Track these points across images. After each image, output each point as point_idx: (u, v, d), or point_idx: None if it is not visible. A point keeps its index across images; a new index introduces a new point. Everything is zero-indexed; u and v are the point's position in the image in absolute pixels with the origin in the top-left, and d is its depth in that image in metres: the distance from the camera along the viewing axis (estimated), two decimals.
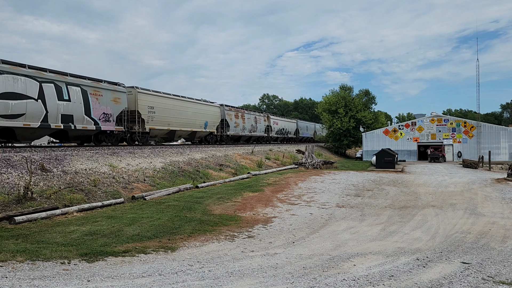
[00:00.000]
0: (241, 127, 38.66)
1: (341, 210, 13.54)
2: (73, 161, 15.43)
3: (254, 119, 42.21)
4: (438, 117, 47.87)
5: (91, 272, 6.49)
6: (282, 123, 53.01)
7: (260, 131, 43.86)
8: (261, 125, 44.49)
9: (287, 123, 55.91)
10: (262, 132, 44.80)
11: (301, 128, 61.67)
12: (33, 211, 10.53)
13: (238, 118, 38.11)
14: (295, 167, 29.98)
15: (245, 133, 39.70)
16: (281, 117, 56.87)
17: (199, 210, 12.47)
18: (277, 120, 50.75)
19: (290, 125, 56.78)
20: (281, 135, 51.98)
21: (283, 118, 57.20)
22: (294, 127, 58.13)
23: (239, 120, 38.24)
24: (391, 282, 6.18)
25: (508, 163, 35.26)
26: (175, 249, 8.29)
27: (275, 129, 49.03)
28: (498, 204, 14.79)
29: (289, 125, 56.37)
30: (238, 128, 37.88)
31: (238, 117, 38.26)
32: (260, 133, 44.15)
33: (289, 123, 56.47)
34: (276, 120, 50.85)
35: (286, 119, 57.64)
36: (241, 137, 39.70)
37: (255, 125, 42.50)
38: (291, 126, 56.73)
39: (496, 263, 7.39)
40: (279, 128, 50.72)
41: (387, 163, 31.52)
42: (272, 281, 6.16)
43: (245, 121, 39.55)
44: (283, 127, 52.68)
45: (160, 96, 26.65)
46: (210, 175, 21.00)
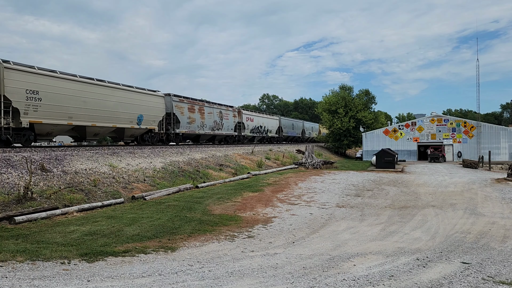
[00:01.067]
0: (198, 124, 30.94)
1: (341, 210, 13.54)
2: (73, 161, 15.43)
3: (218, 114, 34.53)
4: (438, 117, 47.86)
5: (91, 272, 6.49)
6: (259, 120, 45.08)
7: (227, 128, 36.23)
8: (229, 121, 36.70)
9: (267, 120, 47.93)
10: (231, 130, 37.05)
11: (285, 126, 53.95)
12: (33, 211, 10.53)
13: (193, 112, 30.34)
14: (295, 167, 29.97)
15: (205, 131, 32.08)
16: (259, 113, 48.38)
17: (199, 210, 12.47)
18: (252, 116, 42.96)
19: (270, 122, 48.97)
20: (258, 134, 44.25)
21: (261, 114, 48.72)
22: (275, 124, 50.38)
23: (195, 115, 30.48)
24: (391, 282, 6.17)
25: (508, 163, 35.26)
26: (175, 249, 8.29)
27: (249, 127, 41.42)
28: (498, 204, 14.79)
29: (269, 122, 48.43)
30: (193, 124, 30.33)
31: (193, 110, 30.44)
32: (228, 131, 36.45)
33: (269, 120, 48.49)
34: (251, 116, 42.96)
35: (265, 115, 49.13)
36: (199, 136, 32.33)
37: (220, 122, 34.80)
38: (271, 123, 48.91)
39: (496, 263, 7.39)
40: (254, 125, 43.16)
41: (387, 163, 31.51)
42: (272, 281, 6.16)
43: (204, 116, 31.74)
44: (261, 125, 45.04)
45: (52, 76, 18.58)
46: (210, 175, 21.00)
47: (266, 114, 51.11)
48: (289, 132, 55.58)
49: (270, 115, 51.55)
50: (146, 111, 24.98)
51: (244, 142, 41.04)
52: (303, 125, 64.08)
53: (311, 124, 71.70)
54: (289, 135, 55.54)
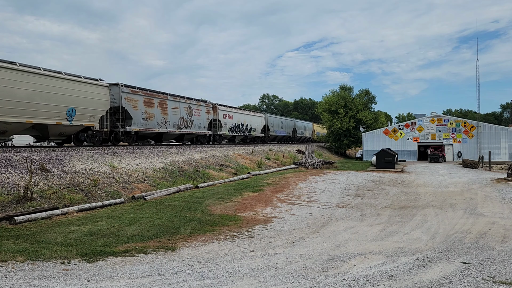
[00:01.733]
0: (159, 120, 26.07)
1: (341, 210, 13.54)
2: (73, 161, 15.43)
3: (186, 110, 29.45)
4: (438, 117, 47.86)
5: (91, 272, 6.49)
6: (240, 117, 39.76)
7: (198, 126, 31.34)
8: (201, 118, 31.77)
9: (250, 117, 42.55)
10: (203, 129, 32.19)
11: (272, 124, 49.05)
12: (33, 211, 10.52)
13: (152, 107, 25.37)
14: (295, 167, 29.98)
15: (169, 129, 27.17)
16: (240, 109, 41.75)
17: (199, 210, 12.47)
18: (230, 113, 37.55)
19: (255, 120, 43.64)
20: (239, 132, 39.15)
21: (242, 110, 42.15)
22: (260, 122, 45.21)
23: (154, 110, 25.58)
24: (391, 282, 6.18)
25: (508, 163, 35.27)
26: (175, 249, 8.29)
27: (227, 125, 36.60)
28: (498, 204, 14.79)
29: (253, 120, 43.11)
30: (152, 121, 25.36)
31: (151, 104, 25.40)
32: (200, 130, 31.63)
33: (252, 118, 43.16)
34: (230, 112, 37.48)
35: (248, 112, 43.50)
36: (161, 135, 27.55)
37: (189, 118, 29.76)
38: (255, 121, 43.72)
39: (496, 263, 7.39)
40: (234, 123, 38.03)
41: (387, 163, 31.52)
42: (272, 281, 6.16)
43: (167, 112, 26.91)
44: (242, 123, 39.75)
45: None
46: (210, 175, 21.00)
47: (250, 111, 44.95)
48: (278, 131, 50.65)
49: (254, 112, 46.26)
50: (81, 104, 19.88)
51: (221, 142, 36.06)
52: (295, 124, 58.75)
53: (304, 122, 67.18)
54: (277, 135, 50.66)
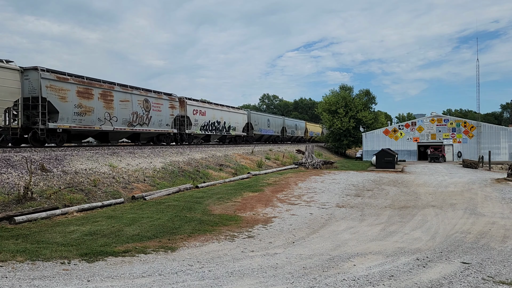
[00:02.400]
0: (100, 116, 21.02)
1: (341, 210, 13.54)
2: (73, 161, 15.43)
3: (142, 104, 24.34)
4: (438, 117, 47.87)
5: (91, 272, 6.49)
6: (216, 114, 33.92)
7: (159, 124, 26.23)
8: (163, 114, 26.71)
9: (228, 114, 36.54)
10: (166, 126, 27.14)
11: (256, 122, 43.36)
12: (33, 211, 10.53)
13: (89, 99, 20.35)
14: (295, 167, 29.98)
15: (116, 127, 22.20)
16: (216, 105, 35.42)
17: (199, 210, 12.47)
18: (202, 108, 31.93)
19: (234, 117, 37.79)
20: (214, 131, 33.77)
21: (218, 106, 35.80)
22: (242, 120, 39.60)
23: (92, 102, 20.53)
24: (391, 282, 6.18)
25: (508, 163, 35.27)
26: (175, 249, 8.29)
27: (198, 123, 31.21)
28: (498, 204, 14.79)
29: (232, 117, 37.25)
30: (89, 116, 20.32)
31: (89, 96, 20.39)
32: (161, 128, 26.59)
33: (231, 115, 37.23)
34: (202, 108, 31.84)
35: (225, 108, 36.86)
36: (106, 134, 22.39)
37: (145, 114, 24.70)
38: (235, 118, 37.93)
39: (496, 263, 7.39)
40: (207, 121, 32.54)
41: (387, 163, 31.52)
42: (272, 281, 6.16)
43: (113, 106, 21.92)
44: (218, 120, 34.28)
45: None
46: (210, 175, 21.00)
47: (228, 107, 38.14)
48: (263, 130, 45.36)
49: (234, 108, 39.82)
50: None
51: (191, 142, 31.00)
52: (284, 122, 53.85)
53: (295, 121, 62.14)
54: (263, 134, 45.50)
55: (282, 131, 52.60)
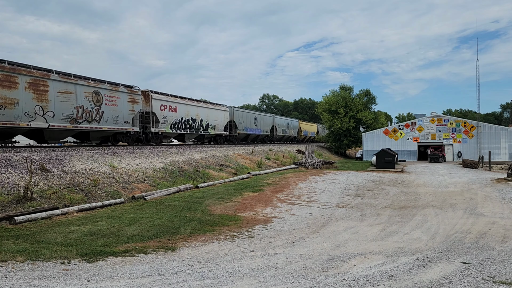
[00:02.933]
0: (28, 109, 16.99)
1: (341, 210, 13.54)
2: (73, 161, 15.43)
3: (90, 97, 20.40)
4: (438, 117, 47.88)
5: (91, 272, 6.49)
6: (190, 110, 29.82)
7: (114, 121, 21.97)
8: (121, 110, 22.41)
9: (206, 110, 32.26)
10: (125, 124, 22.76)
11: (240, 121, 39.02)
12: (33, 211, 10.53)
13: (11, 89, 16.28)
14: (295, 167, 29.98)
15: (52, 123, 18.20)
16: (189, 100, 30.87)
17: (199, 210, 12.47)
18: (172, 103, 27.77)
19: (214, 114, 33.48)
20: (188, 130, 29.54)
21: (193, 101, 31.32)
22: (223, 118, 35.32)
23: (16, 93, 16.50)
24: (391, 282, 6.18)
25: (508, 163, 35.26)
26: (175, 249, 8.29)
27: (168, 120, 27.12)
28: (498, 204, 14.79)
29: (211, 114, 32.99)
30: (10, 110, 16.22)
31: (12, 85, 16.32)
32: (117, 126, 22.20)
33: (211, 112, 33.00)
34: (171, 103, 27.63)
35: (203, 104, 32.56)
36: (41, 132, 18.58)
37: (95, 109, 20.72)
38: (215, 116, 33.63)
39: (496, 263, 7.39)
40: (180, 118, 28.50)
41: (387, 163, 31.52)
42: (272, 281, 6.16)
43: (47, 97, 17.91)
44: (193, 117, 30.25)
45: None
46: (210, 175, 21.00)
47: (206, 103, 33.42)
48: (250, 129, 41.10)
49: (214, 105, 34.52)
50: None
51: (158, 142, 26.90)
52: (274, 121, 49.41)
53: (287, 119, 57.76)
54: (248, 133, 41.23)
55: (272, 130, 48.56)
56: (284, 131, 52.88)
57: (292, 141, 57.15)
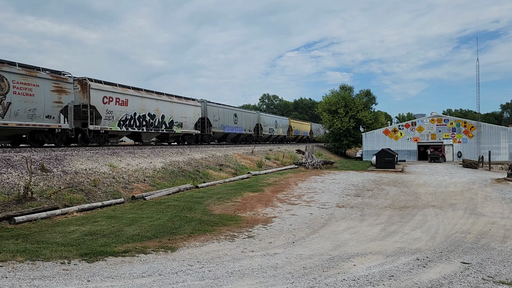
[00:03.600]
0: None
1: (341, 210, 13.54)
2: (73, 161, 15.43)
3: None
4: (438, 117, 47.88)
5: (91, 272, 6.49)
6: (147, 104, 24.65)
7: (28, 115, 16.94)
8: (39, 101, 17.47)
9: (170, 105, 27.09)
10: (45, 120, 17.75)
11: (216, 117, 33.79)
12: (33, 211, 10.53)
13: None
14: (295, 167, 29.98)
15: None
16: (147, 92, 25.44)
17: (199, 210, 12.47)
18: (121, 96, 22.59)
19: (180, 109, 28.13)
20: (144, 128, 24.28)
21: (151, 94, 25.76)
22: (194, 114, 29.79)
23: None
24: (391, 282, 6.18)
25: (508, 163, 35.27)
26: (175, 249, 8.29)
27: (114, 115, 21.86)
28: (498, 204, 14.79)
29: (177, 109, 27.66)
30: None
31: None
32: (30, 121, 17.07)
33: (176, 106, 27.69)
34: (119, 95, 22.42)
35: (165, 98, 27.05)
36: None
37: None
38: (182, 112, 28.29)
39: (496, 263, 7.39)
40: (130, 113, 23.11)
41: (387, 163, 31.52)
42: (272, 281, 6.16)
43: None
44: (152, 113, 25.05)
45: None
46: (210, 175, 21.00)
47: (170, 96, 27.89)
48: (228, 128, 35.80)
49: (180, 99, 28.98)
50: None
51: (102, 143, 21.74)
52: (259, 118, 44.42)
53: (275, 117, 52.66)
54: (226, 132, 35.74)
55: (257, 129, 43.62)
56: (271, 130, 48.19)
57: (281, 141, 52.84)
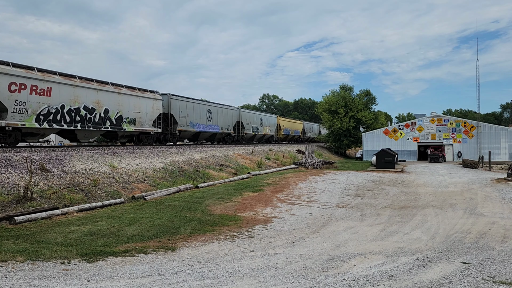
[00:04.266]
0: None
1: (341, 210, 13.54)
2: (73, 161, 15.43)
3: None
4: (438, 117, 47.87)
5: (91, 272, 6.49)
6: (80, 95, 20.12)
7: None
8: None
9: (117, 97, 22.51)
10: None
11: (184, 114, 29.23)
12: (33, 211, 10.53)
13: None
14: (295, 167, 29.97)
15: None
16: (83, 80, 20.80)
17: (199, 210, 12.47)
18: (41, 83, 17.77)
19: (132, 103, 23.60)
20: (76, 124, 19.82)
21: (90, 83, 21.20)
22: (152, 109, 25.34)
23: None
24: (391, 282, 6.17)
25: (508, 163, 35.26)
26: (175, 249, 8.29)
27: (29, 108, 17.17)
28: (498, 204, 14.79)
29: (127, 103, 23.15)
30: None
31: None
32: None
33: (126, 99, 23.16)
34: (40, 82, 17.70)
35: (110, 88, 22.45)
36: None
37: None
38: (135, 106, 23.82)
39: (496, 263, 7.39)
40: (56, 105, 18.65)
41: (387, 163, 31.51)
42: (272, 281, 6.16)
43: None
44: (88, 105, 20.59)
45: None
46: (210, 175, 21.00)
47: (117, 87, 22.88)
48: (199, 126, 31.29)
49: (135, 90, 24.13)
50: None
51: (12, 143, 17.11)
52: (240, 116, 39.09)
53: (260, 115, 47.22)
54: (198, 131, 31.22)
55: (237, 128, 38.74)
56: (255, 129, 42.77)
57: (268, 141, 47.88)
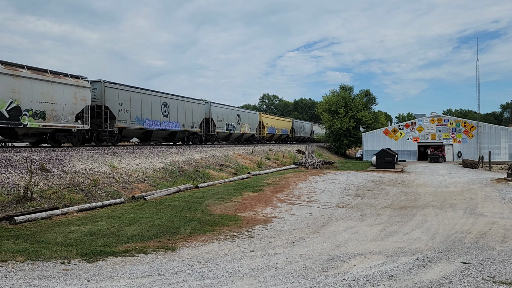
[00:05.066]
0: None
1: (341, 210, 13.54)
2: (73, 161, 15.43)
3: None
4: (438, 117, 47.88)
5: (91, 272, 6.49)
6: None
7: None
8: None
9: (11, 80, 16.20)
10: None
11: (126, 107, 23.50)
12: (33, 211, 10.53)
13: None
14: (295, 167, 29.98)
15: None
16: None
17: (199, 210, 12.47)
18: None
19: (39, 91, 17.57)
20: None
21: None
22: (72, 100, 19.30)
23: None
24: (391, 282, 6.18)
25: (508, 163, 35.26)
26: (175, 249, 8.29)
27: None
28: (498, 204, 14.79)
29: (29, 90, 17.02)
30: None
31: None
32: None
33: (27, 84, 16.97)
34: None
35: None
36: None
37: None
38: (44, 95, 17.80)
39: (496, 263, 7.39)
40: None
41: (387, 163, 31.52)
42: (272, 281, 6.16)
43: None
44: None
45: None
46: (210, 175, 21.00)
47: (14, 68, 16.75)
48: (151, 122, 25.96)
49: (45, 74, 18.30)
50: None
51: None
52: (209, 111, 33.57)
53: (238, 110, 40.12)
54: (148, 128, 25.69)
55: (205, 126, 33.38)
56: (230, 127, 36.93)
57: (248, 141, 41.73)
